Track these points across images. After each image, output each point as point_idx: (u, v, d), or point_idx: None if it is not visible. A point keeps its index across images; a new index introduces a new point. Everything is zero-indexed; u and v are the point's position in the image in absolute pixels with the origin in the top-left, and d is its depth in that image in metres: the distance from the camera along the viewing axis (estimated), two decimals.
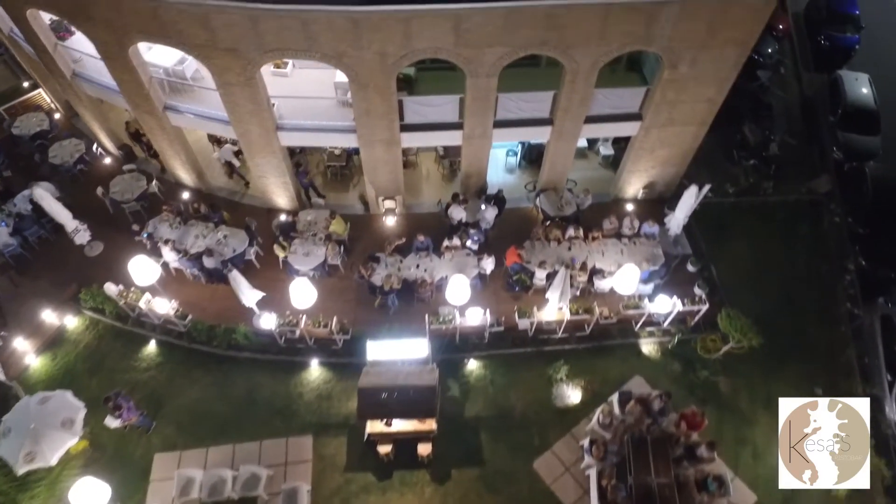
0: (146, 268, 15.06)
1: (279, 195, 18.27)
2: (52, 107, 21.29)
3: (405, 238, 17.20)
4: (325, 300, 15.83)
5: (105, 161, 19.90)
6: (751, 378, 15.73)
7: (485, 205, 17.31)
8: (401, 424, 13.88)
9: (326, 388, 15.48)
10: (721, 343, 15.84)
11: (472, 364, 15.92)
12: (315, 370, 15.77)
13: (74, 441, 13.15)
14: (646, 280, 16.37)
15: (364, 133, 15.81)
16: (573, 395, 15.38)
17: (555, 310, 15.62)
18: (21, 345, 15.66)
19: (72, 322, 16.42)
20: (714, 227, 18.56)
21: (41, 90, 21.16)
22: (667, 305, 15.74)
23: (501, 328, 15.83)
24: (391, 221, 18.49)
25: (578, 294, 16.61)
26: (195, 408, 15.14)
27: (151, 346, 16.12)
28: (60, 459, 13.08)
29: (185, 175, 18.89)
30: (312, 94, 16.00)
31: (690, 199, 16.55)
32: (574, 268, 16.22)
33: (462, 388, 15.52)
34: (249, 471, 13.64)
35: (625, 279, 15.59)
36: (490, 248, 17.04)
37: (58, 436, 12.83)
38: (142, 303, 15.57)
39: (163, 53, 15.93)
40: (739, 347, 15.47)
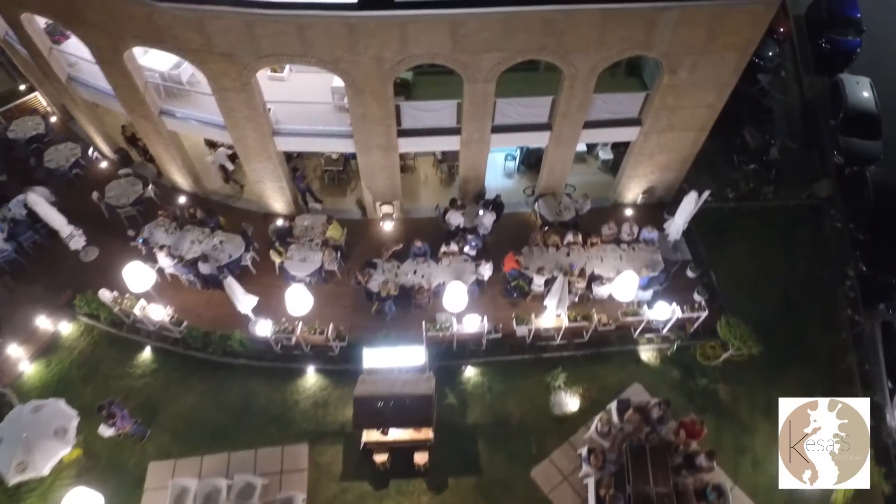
0: (141, 274, 15.01)
1: (276, 200, 18.14)
2: (49, 110, 21.14)
3: (402, 244, 17.06)
4: (322, 306, 15.71)
5: (101, 165, 19.73)
6: (750, 385, 15.60)
7: (483, 210, 17.16)
8: (397, 433, 13.76)
9: (323, 396, 15.36)
10: (721, 350, 15.72)
11: (470, 371, 15.80)
12: (311, 377, 15.65)
13: (67, 450, 13.02)
14: (645, 286, 16.22)
15: (361, 138, 15.69)
16: (571, 403, 15.24)
17: (553, 317, 15.50)
18: (15, 351, 15.55)
19: (66, 328, 16.26)
20: (714, 233, 18.44)
21: (37, 93, 21.02)
22: (666, 312, 15.62)
23: (499, 335, 15.70)
24: (388, 226, 18.36)
25: (577, 300, 16.46)
26: (190, 415, 15.02)
27: (146, 353, 15.99)
28: (53, 469, 12.96)
29: (182, 179, 18.76)
30: (309, 99, 15.84)
31: (690, 205, 16.42)
32: (572, 274, 16.09)
33: (459, 396, 15.39)
34: (244, 480, 13.50)
35: (623, 286, 15.46)
36: (488, 254, 16.87)
37: (50, 445, 12.70)
38: (136, 309, 15.45)
39: (158, 57, 15.80)
40: (739, 355, 15.35)
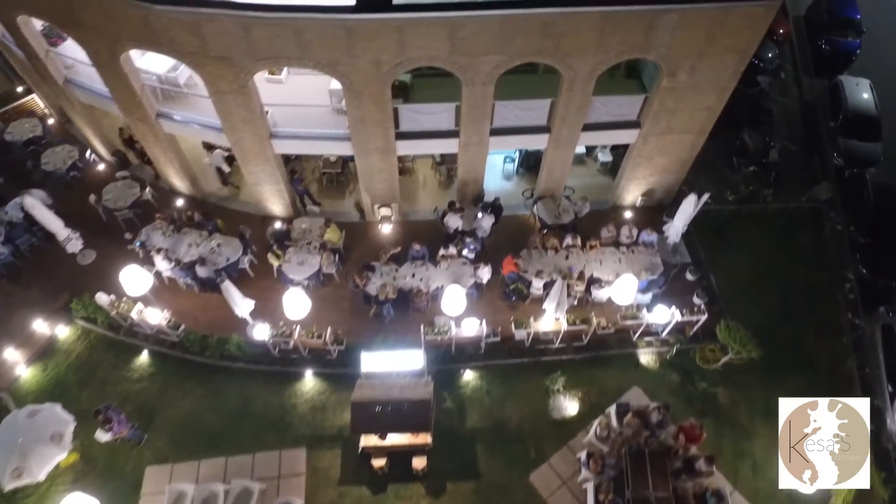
0: (138, 278, 14.91)
1: (274, 202, 18.07)
2: (46, 112, 21.05)
3: (401, 247, 16.99)
4: (320, 310, 15.66)
5: (98, 167, 19.63)
6: (750, 389, 15.54)
7: (481, 213, 17.09)
8: (395, 438, 13.70)
9: (321, 400, 15.29)
10: (720, 353, 15.65)
11: (468, 375, 15.74)
12: (309, 381, 15.58)
13: (63, 456, 12.95)
14: (644, 290, 16.15)
15: (359, 141, 15.62)
16: (570, 407, 15.17)
17: (552, 320, 15.44)
18: (11, 355, 15.47)
19: (63, 332, 16.20)
20: (713, 235, 18.37)
21: (35, 95, 20.95)
22: (665, 315, 15.56)
23: (498, 338, 15.65)
24: (387, 229, 18.29)
25: (576, 304, 16.40)
26: (187, 419, 14.95)
27: (144, 357, 15.92)
28: (49, 474, 12.90)
29: (179, 182, 18.68)
30: (307, 102, 15.77)
31: (689, 208, 16.34)
32: (571, 277, 16.02)
33: (458, 400, 15.33)
34: (242, 485, 13.44)
35: (623, 289, 15.39)
36: (487, 257, 16.82)
37: (46, 450, 12.63)
38: (133, 313, 15.38)
39: (156, 60, 15.69)
40: (739, 358, 15.28)
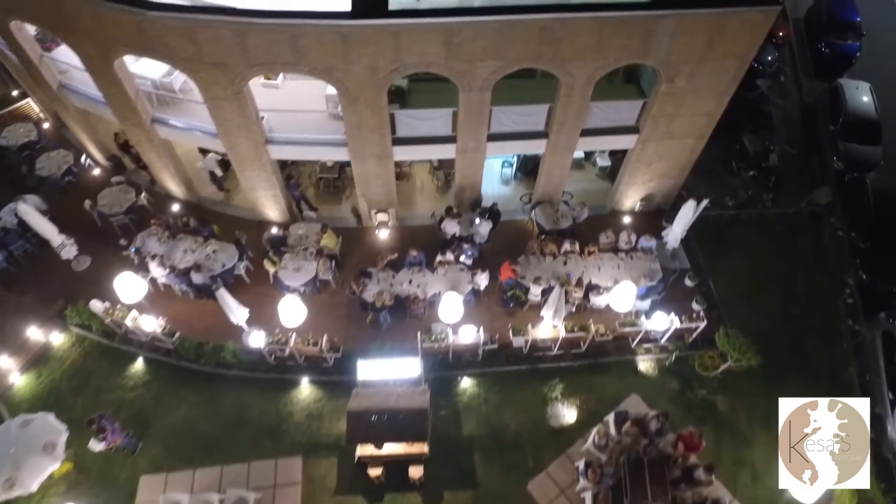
0: (132, 285, 14.82)
1: (270, 208, 17.94)
2: (41, 117, 20.92)
3: (398, 253, 16.87)
4: (316, 316, 15.53)
5: (94, 172, 19.52)
6: (750, 396, 15.41)
7: (479, 219, 16.98)
8: (392, 447, 13.57)
9: (317, 408, 15.16)
10: (720, 360, 15.54)
11: (466, 382, 15.60)
12: (305, 388, 15.45)
13: (56, 466, 12.80)
14: (643, 296, 16.03)
15: (355, 147, 15.50)
16: (568, 415, 15.04)
17: (550, 327, 15.32)
18: (5, 363, 15.35)
19: (58, 339, 16.05)
20: (712, 241, 18.25)
21: (30, 99, 20.81)
22: (664, 322, 15.43)
23: (495, 345, 15.51)
24: (384, 235, 18.17)
25: (574, 310, 16.28)
26: (182, 427, 14.82)
27: (139, 364, 15.79)
28: (42, 485, 12.75)
29: (175, 187, 18.56)
30: (302, 107, 15.66)
31: (688, 214, 16.25)
32: (570, 283, 15.90)
33: (455, 407, 15.20)
34: (237, 494, 13.27)
35: (621, 296, 15.27)
36: (484, 263, 16.69)
37: (39, 461, 12.48)
38: (128, 320, 15.25)
39: (150, 65, 15.56)
40: (738, 365, 15.17)
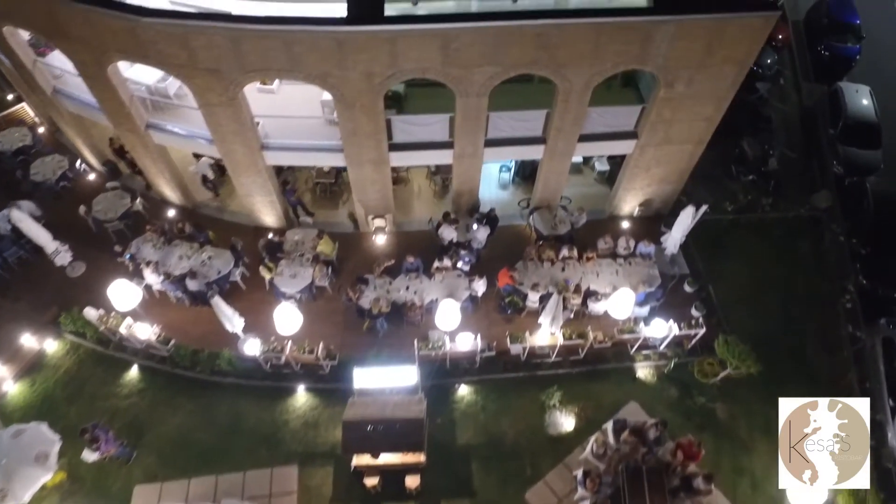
0: (126, 293, 14.68)
1: (266, 214, 17.82)
2: (36, 121, 20.78)
3: (394, 259, 16.75)
4: (312, 323, 15.43)
5: (89, 177, 19.37)
6: (749, 404, 15.30)
7: (476, 224, 16.86)
8: (388, 456, 13.45)
9: (313, 416, 15.04)
10: (719, 367, 15.42)
11: (463, 390, 15.49)
12: (301, 396, 15.33)
13: (48, 477, 12.66)
14: (641, 302, 15.90)
15: (351, 153, 15.37)
16: (566, 423, 14.95)
17: (548, 334, 15.20)
18: None
19: (52, 346, 15.93)
20: (712, 246, 18.13)
21: (25, 104, 20.67)
22: (663, 329, 15.32)
23: (493, 353, 15.43)
24: (381, 240, 18.04)
25: (572, 317, 16.16)
26: (177, 436, 14.71)
27: (133, 372, 15.66)
28: (34, 496, 12.60)
29: (171, 192, 18.43)
30: (300, 112, 15.55)
31: (687, 219, 16.12)
32: (568, 290, 15.78)
33: (452, 415, 15.08)
34: None
35: (620, 303, 15.15)
36: (482, 269, 16.57)
37: (31, 472, 12.34)
38: (123, 328, 15.11)
39: (145, 70, 15.38)
40: (738, 372, 15.05)
